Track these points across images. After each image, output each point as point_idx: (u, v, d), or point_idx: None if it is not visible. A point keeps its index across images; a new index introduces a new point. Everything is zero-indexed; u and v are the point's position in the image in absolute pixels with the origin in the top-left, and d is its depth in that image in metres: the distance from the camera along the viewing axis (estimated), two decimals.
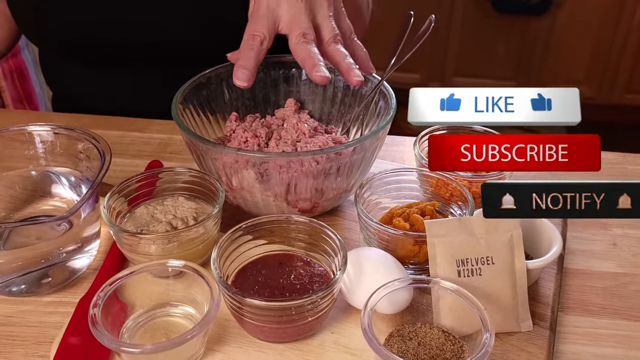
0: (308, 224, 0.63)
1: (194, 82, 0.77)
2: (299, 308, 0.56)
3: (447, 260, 0.60)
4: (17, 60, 1.50)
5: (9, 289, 0.65)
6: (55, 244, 0.64)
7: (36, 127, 0.71)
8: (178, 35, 0.94)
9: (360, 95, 0.80)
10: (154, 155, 0.88)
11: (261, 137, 0.74)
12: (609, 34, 2.40)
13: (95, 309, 0.55)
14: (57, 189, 0.73)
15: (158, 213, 0.68)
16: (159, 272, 0.61)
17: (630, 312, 0.65)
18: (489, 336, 0.53)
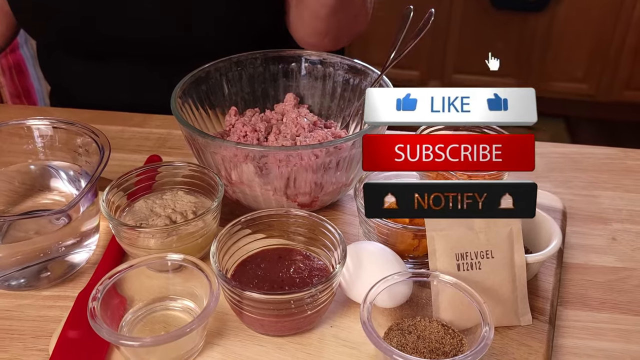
0: (307, 218, 0.63)
1: (193, 76, 0.77)
2: (298, 301, 0.56)
3: (447, 254, 0.60)
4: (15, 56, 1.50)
5: (8, 283, 0.64)
6: (54, 238, 0.64)
7: (35, 122, 0.71)
8: (177, 32, 0.94)
9: (360, 89, 0.80)
10: (154, 150, 0.88)
11: (260, 131, 0.74)
12: (608, 30, 2.40)
13: (94, 302, 0.55)
14: (56, 183, 0.73)
15: (157, 207, 0.68)
16: (158, 265, 0.61)
17: (630, 306, 0.65)
18: (489, 329, 0.53)
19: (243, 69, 0.81)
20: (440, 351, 0.56)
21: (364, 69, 0.79)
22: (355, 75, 0.80)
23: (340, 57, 0.81)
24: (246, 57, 0.81)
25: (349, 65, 0.80)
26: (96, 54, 0.98)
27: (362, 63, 0.80)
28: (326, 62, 0.82)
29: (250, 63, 0.81)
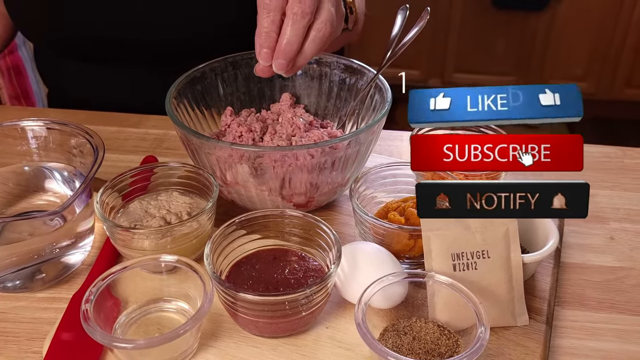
0: (302, 218, 0.63)
1: (188, 76, 0.77)
2: (292, 302, 0.56)
3: (443, 254, 0.59)
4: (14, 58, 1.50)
5: (2, 285, 0.64)
6: (48, 240, 0.64)
7: (29, 123, 0.71)
8: (175, 35, 0.93)
9: (356, 89, 0.79)
10: (150, 150, 0.88)
11: (256, 131, 0.74)
12: (608, 28, 2.40)
13: (87, 305, 0.55)
14: (50, 184, 0.73)
15: (152, 208, 0.67)
16: (152, 267, 0.61)
17: (627, 306, 0.65)
18: (484, 330, 0.52)
19: (239, 69, 0.81)
20: (436, 352, 0.55)
21: (360, 68, 0.79)
22: (351, 75, 0.80)
23: (336, 57, 0.81)
24: (242, 57, 0.81)
25: (345, 65, 0.80)
26: (93, 56, 0.98)
27: (358, 62, 0.79)
28: (322, 61, 0.81)
29: (245, 63, 0.81)
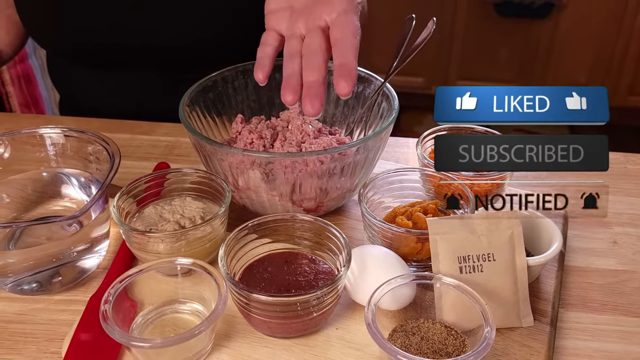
0: (313, 222, 0.65)
1: (201, 84, 0.79)
2: (304, 303, 0.57)
3: (449, 257, 0.61)
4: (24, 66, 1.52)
5: (20, 287, 0.66)
6: (65, 244, 0.65)
7: (47, 130, 0.73)
8: (186, 41, 0.95)
9: (364, 97, 0.81)
10: (162, 157, 0.90)
11: (266, 138, 0.76)
12: (611, 36, 2.41)
13: (106, 305, 0.56)
14: (67, 190, 0.74)
15: (166, 213, 0.69)
16: (167, 270, 0.62)
17: (630, 308, 0.66)
18: (490, 330, 0.54)
19: (249, 77, 0.83)
20: (444, 352, 0.57)
21: (367, 76, 0.80)
22: (358, 83, 0.81)
23: None
24: (252, 66, 0.82)
25: None
26: (101, 62, 1.00)
27: (365, 71, 0.81)
28: (330, 69, 0.83)
29: None
